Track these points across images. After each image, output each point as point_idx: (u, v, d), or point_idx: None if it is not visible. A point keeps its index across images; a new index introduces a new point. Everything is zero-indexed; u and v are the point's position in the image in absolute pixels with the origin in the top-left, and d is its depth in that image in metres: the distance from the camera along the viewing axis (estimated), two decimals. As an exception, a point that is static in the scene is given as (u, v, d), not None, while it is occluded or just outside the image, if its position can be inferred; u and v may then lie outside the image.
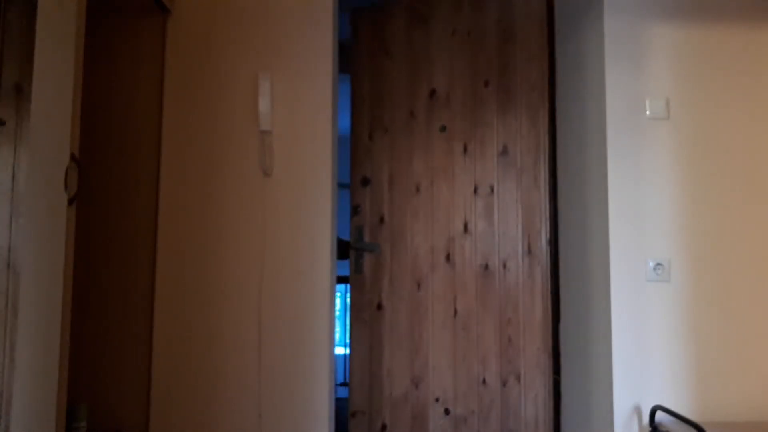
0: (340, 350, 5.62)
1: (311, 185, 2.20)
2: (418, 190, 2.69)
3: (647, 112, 2.08)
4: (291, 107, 2.22)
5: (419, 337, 2.62)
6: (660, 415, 1.92)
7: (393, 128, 2.71)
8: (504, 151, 2.64)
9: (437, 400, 2.57)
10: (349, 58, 2.76)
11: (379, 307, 2.65)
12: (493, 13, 2.68)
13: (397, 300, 2.65)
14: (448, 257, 2.64)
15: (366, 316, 2.67)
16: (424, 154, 2.70)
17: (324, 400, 2.12)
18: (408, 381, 2.60)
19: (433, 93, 2.71)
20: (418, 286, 2.63)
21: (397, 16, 2.75)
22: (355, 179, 2.72)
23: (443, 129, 2.66)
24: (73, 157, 1.52)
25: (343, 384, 4.95)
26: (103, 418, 2.08)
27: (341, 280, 3.67)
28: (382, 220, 2.68)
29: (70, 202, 1.52)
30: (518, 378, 2.51)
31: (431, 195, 2.68)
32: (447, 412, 2.55)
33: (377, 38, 2.76)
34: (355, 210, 2.70)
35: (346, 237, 2.87)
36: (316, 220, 2.18)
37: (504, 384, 2.53)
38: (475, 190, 2.65)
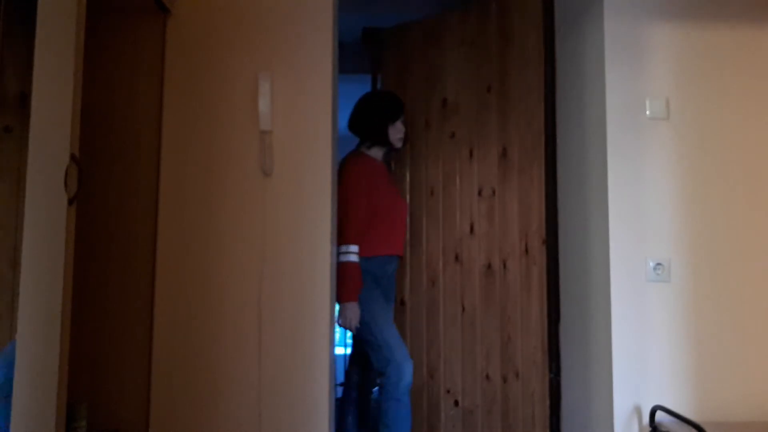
0: (339, 350, 5.61)
1: (311, 185, 2.20)
2: (432, 193, 2.83)
3: (647, 112, 2.08)
4: (291, 107, 2.22)
5: (434, 331, 2.75)
6: (660, 415, 1.92)
7: (412, 137, 2.85)
8: (504, 154, 2.65)
9: (448, 391, 2.69)
10: (380, 73, 3.04)
11: (402, 302, 2.80)
12: (494, 21, 2.73)
13: (416, 296, 2.78)
14: (456, 257, 2.74)
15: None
16: (436, 160, 2.84)
17: (324, 400, 2.12)
18: (425, 372, 2.73)
19: (444, 102, 2.84)
20: (432, 284, 2.78)
21: (415, 34, 2.92)
22: None
23: (452, 135, 2.76)
24: (73, 157, 1.52)
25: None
26: (103, 418, 2.08)
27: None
28: None
29: (70, 202, 1.52)
30: (517, 375, 2.54)
31: (443, 198, 2.82)
32: (456, 404, 2.63)
33: (399, 55, 2.96)
34: None
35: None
36: (316, 220, 2.18)
37: (504, 380, 2.56)
38: (479, 192, 2.69)
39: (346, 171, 2.51)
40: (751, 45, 2.12)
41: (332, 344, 2.26)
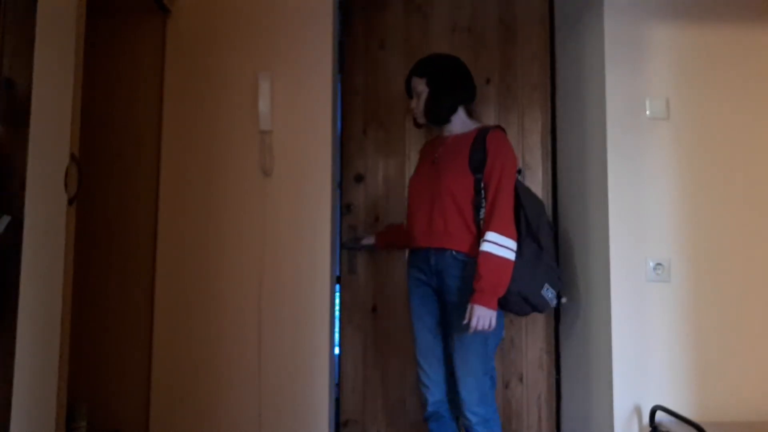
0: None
1: (311, 185, 2.20)
2: None
3: (647, 112, 2.08)
4: (291, 107, 2.22)
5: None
6: (660, 415, 1.92)
7: (389, 123, 2.59)
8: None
9: None
10: (340, 51, 2.61)
11: (374, 309, 2.53)
12: (495, 11, 2.61)
13: (393, 302, 2.52)
14: None
15: (359, 319, 2.53)
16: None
17: (324, 400, 2.12)
18: (405, 386, 2.49)
19: None
20: None
21: (392, 9, 2.64)
22: (348, 176, 2.58)
23: None
24: (73, 157, 1.52)
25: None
26: (103, 418, 2.08)
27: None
28: (377, 218, 2.55)
29: (70, 202, 1.52)
30: (521, 379, 2.48)
31: None
32: None
33: (372, 31, 2.63)
34: (348, 208, 2.57)
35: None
36: (315, 220, 2.18)
37: (506, 386, 2.49)
38: None
39: None
40: (751, 45, 2.12)
41: (332, 344, 2.26)
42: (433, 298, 2.05)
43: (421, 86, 2.09)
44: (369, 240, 2.39)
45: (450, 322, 1.99)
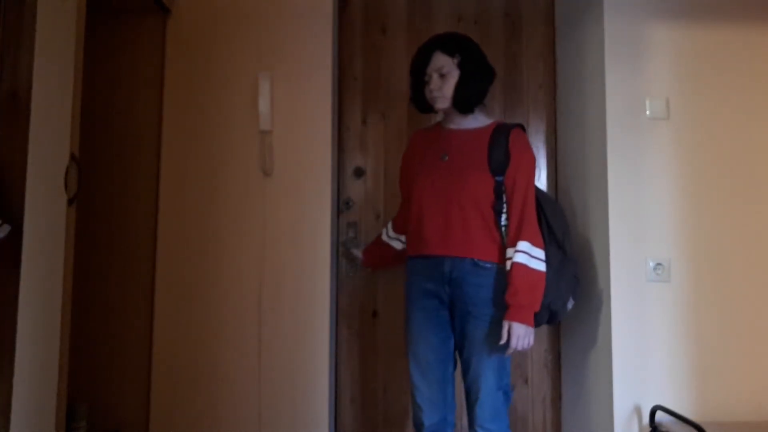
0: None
1: (311, 185, 2.20)
2: None
3: (647, 112, 2.08)
4: (291, 107, 2.22)
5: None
6: (660, 415, 1.92)
7: (390, 113, 2.44)
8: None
9: None
10: (339, 33, 2.44)
11: (374, 314, 2.41)
12: (501, 5, 2.56)
13: (395, 306, 2.40)
14: None
15: (357, 325, 2.40)
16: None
17: (324, 400, 2.12)
18: (408, 396, 2.32)
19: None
20: None
21: None
22: (347, 170, 2.44)
23: None
24: (73, 157, 1.52)
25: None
26: (103, 418, 2.08)
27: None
28: (378, 216, 2.43)
29: (70, 202, 1.52)
30: (526, 381, 2.45)
31: None
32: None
33: (372, 14, 2.51)
34: (347, 204, 2.43)
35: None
36: (316, 220, 2.18)
37: (512, 389, 2.44)
38: None
39: None
40: (750, 45, 2.12)
41: (332, 343, 2.26)
42: (440, 311, 1.85)
43: (449, 66, 1.84)
44: (358, 253, 2.24)
45: (465, 334, 1.80)
